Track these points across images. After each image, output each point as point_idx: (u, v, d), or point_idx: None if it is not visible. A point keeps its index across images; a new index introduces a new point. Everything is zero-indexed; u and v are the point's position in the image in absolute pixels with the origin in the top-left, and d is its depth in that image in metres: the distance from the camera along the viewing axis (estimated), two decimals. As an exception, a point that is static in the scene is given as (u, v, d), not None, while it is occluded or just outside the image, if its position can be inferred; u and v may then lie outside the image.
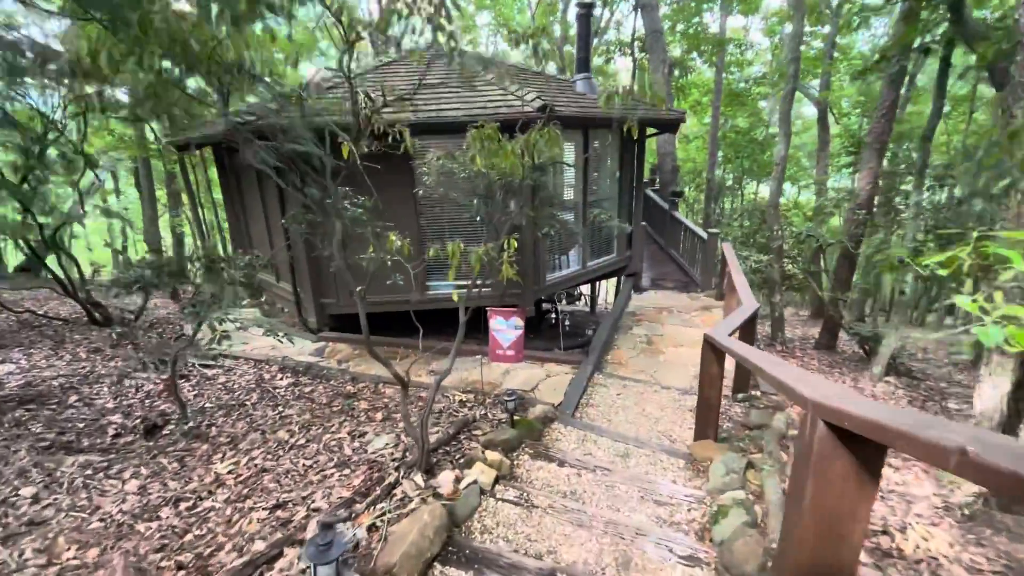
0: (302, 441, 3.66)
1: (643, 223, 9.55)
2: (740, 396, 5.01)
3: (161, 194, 17.20)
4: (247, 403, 4.53)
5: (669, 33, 16.21)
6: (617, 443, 3.88)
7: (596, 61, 17.32)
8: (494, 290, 7.24)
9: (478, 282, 3.96)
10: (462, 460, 3.32)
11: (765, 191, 22.05)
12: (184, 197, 14.93)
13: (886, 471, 3.57)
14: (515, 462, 3.41)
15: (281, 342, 4.03)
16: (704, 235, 9.25)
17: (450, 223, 7.08)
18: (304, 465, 3.31)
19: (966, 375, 8.10)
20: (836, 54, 16.90)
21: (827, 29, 16.73)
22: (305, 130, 3.50)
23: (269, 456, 3.43)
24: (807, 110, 25.19)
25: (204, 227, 15.59)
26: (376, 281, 8.05)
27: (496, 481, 3.02)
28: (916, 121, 14.38)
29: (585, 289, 15.67)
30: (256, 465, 3.30)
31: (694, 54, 15.49)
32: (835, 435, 1.60)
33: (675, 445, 4.03)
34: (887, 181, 7.68)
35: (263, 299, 10.56)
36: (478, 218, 5.27)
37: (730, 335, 3.60)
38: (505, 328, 4.28)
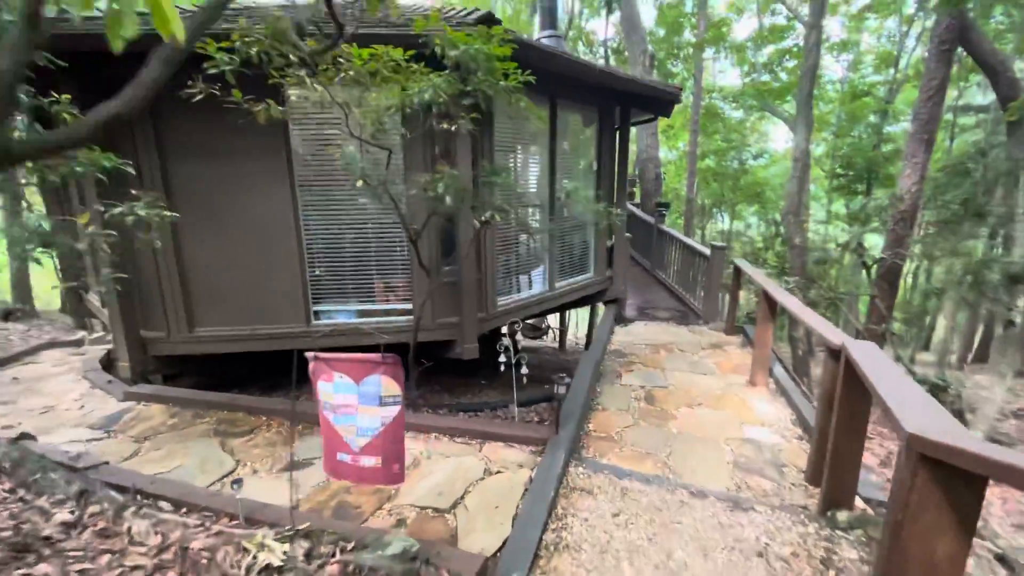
0: None
1: (627, 234, 7.40)
2: (842, 517, 2.66)
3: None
4: None
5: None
6: None
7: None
8: (416, 318, 4.80)
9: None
10: None
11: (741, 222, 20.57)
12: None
13: None
14: None
15: None
16: (706, 251, 7.15)
17: (349, 211, 4.63)
18: None
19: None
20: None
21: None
22: None
23: None
24: (776, 137, 24.38)
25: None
26: (234, 302, 5.14)
27: None
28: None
29: (552, 320, 13.42)
30: None
31: (672, 62, 13.98)
32: None
33: None
34: (946, 177, 5.86)
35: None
36: (373, 196, 2.89)
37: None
38: (353, 402, 1.85)
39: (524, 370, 3.86)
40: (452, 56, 2.70)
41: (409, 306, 4.83)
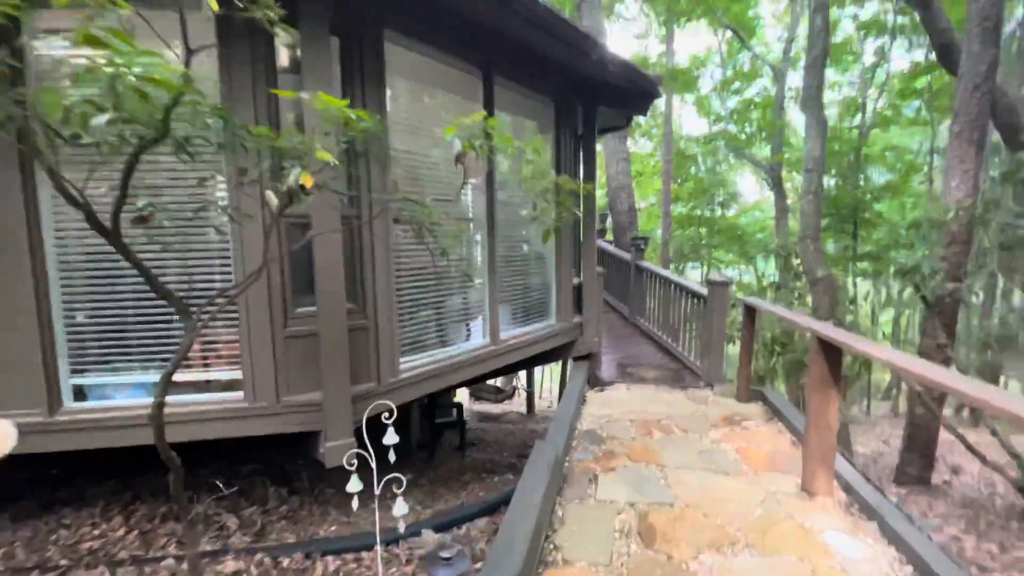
0: None
1: (600, 269, 5.68)
2: None
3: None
4: None
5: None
6: None
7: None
8: (252, 398, 2.87)
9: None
10: None
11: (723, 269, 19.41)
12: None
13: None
14: None
15: None
16: (702, 291, 5.47)
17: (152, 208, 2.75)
18: None
19: None
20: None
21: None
22: None
23: None
24: (744, 190, 23.65)
25: None
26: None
27: None
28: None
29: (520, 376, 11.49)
30: None
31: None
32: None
33: None
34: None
35: None
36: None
37: None
38: None
39: (401, 510, 1.91)
40: None
41: (240, 375, 2.88)
